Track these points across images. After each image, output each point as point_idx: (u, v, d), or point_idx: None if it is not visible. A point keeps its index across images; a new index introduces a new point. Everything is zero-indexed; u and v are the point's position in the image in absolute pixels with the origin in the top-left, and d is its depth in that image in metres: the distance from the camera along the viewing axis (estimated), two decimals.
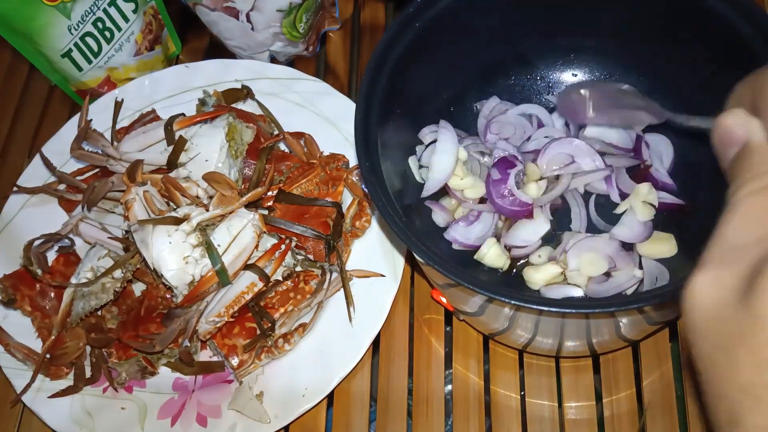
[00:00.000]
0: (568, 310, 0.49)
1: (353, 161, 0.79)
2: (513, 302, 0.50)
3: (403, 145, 0.69)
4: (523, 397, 0.71)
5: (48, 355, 0.73)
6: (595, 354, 0.71)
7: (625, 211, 0.69)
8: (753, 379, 0.24)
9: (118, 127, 0.84)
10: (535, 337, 0.62)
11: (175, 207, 0.72)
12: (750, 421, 0.24)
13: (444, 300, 0.69)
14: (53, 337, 0.73)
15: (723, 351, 0.25)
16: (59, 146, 0.85)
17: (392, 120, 0.64)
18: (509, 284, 0.68)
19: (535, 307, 0.50)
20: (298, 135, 0.80)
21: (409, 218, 0.62)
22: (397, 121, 0.65)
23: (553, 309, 0.49)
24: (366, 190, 0.58)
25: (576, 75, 0.75)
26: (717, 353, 0.26)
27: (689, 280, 0.27)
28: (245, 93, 0.84)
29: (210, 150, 0.73)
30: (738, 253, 0.26)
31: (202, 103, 0.84)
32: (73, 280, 0.73)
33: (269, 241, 0.71)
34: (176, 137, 0.74)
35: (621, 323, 0.58)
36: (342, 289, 0.73)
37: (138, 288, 0.79)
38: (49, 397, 0.73)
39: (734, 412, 0.25)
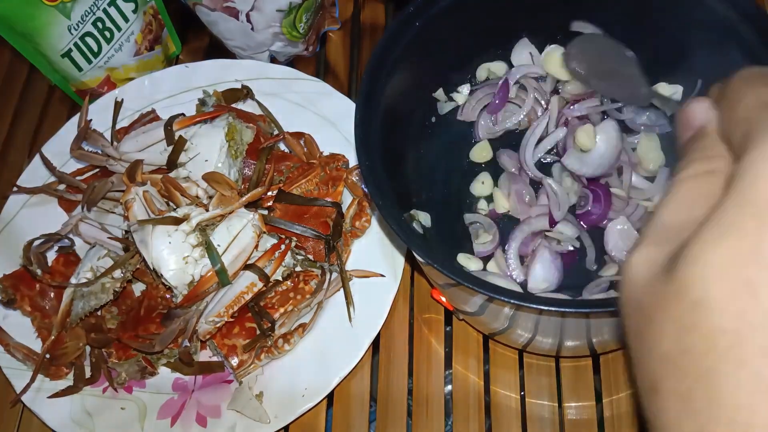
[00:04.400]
0: (568, 310, 0.49)
1: (353, 161, 0.79)
2: (513, 302, 0.50)
3: (403, 143, 0.69)
4: (523, 398, 0.70)
5: (48, 355, 0.73)
6: (595, 354, 0.71)
7: None
8: (671, 347, 0.25)
9: (118, 127, 0.84)
10: (536, 336, 0.62)
11: (174, 207, 0.72)
12: (666, 387, 0.25)
13: (444, 299, 0.69)
14: (53, 337, 0.73)
15: (646, 322, 0.27)
16: (59, 146, 0.85)
17: (392, 119, 0.64)
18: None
19: (535, 306, 0.50)
20: (298, 135, 0.80)
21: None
22: (397, 120, 0.65)
23: (553, 309, 0.49)
24: (366, 190, 0.58)
25: None
26: (642, 325, 0.27)
27: (626, 256, 0.29)
28: (245, 93, 0.84)
29: (210, 150, 0.73)
30: (671, 233, 0.27)
31: (202, 103, 0.84)
32: (73, 280, 0.72)
33: (269, 241, 0.71)
34: (176, 137, 0.74)
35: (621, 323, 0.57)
36: (342, 289, 0.73)
37: (138, 288, 0.79)
38: (49, 397, 0.73)
39: (654, 380, 0.26)
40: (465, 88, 0.75)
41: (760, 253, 0.23)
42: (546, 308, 0.49)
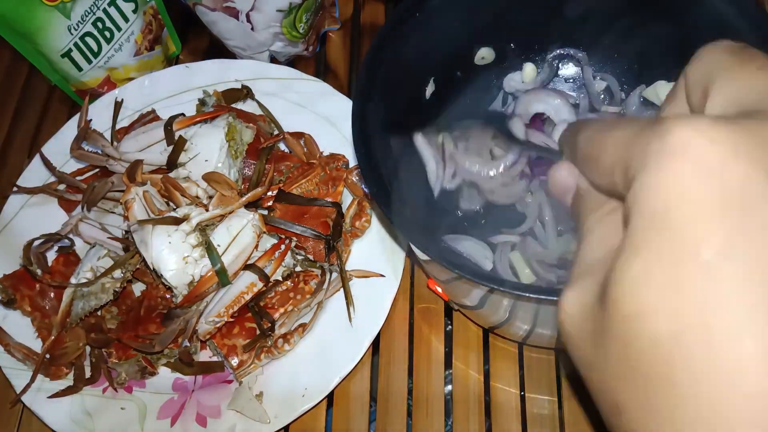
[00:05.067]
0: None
1: (353, 161, 0.79)
2: (515, 292, 0.50)
3: (402, 134, 0.69)
4: (523, 397, 0.71)
5: (48, 355, 0.73)
6: None
7: None
8: (621, 365, 0.26)
9: (118, 127, 0.84)
10: (535, 328, 0.62)
11: (174, 207, 0.72)
12: (626, 405, 0.26)
13: (439, 290, 0.69)
14: (53, 337, 0.73)
15: (593, 351, 0.28)
16: (59, 146, 0.85)
17: (390, 112, 0.64)
18: None
19: (534, 296, 0.50)
20: (298, 135, 0.80)
21: (408, 214, 0.62)
22: (394, 113, 0.65)
23: (553, 297, 0.50)
24: (366, 189, 0.58)
25: (578, 66, 0.76)
26: (590, 355, 0.28)
27: (559, 300, 0.31)
28: (245, 93, 0.84)
29: (210, 150, 0.73)
30: (592, 268, 0.30)
31: (202, 103, 0.84)
32: (73, 280, 0.72)
33: (269, 241, 0.71)
34: (176, 137, 0.74)
35: None
36: (342, 289, 0.73)
37: (138, 288, 0.79)
38: (49, 397, 0.73)
39: (614, 402, 0.27)
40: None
41: (673, 254, 0.24)
42: (545, 297, 0.50)
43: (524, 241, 0.70)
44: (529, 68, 0.75)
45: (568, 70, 0.76)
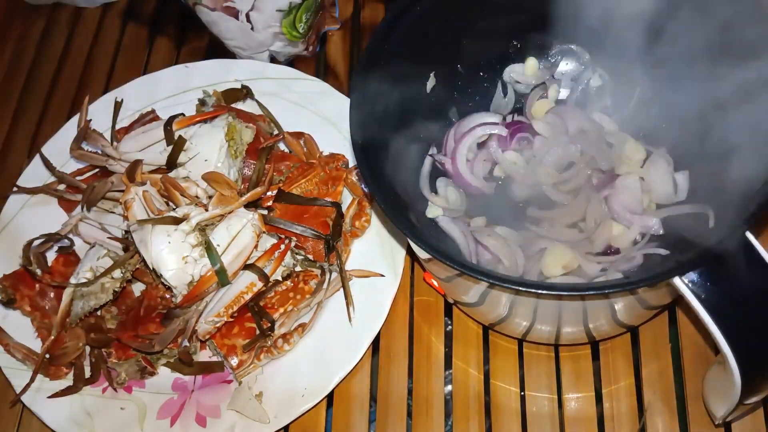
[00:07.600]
0: (564, 293, 0.51)
1: (353, 161, 0.79)
2: (514, 287, 0.50)
3: (396, 127, 0.69)
4: (523, 397, 0.70)
5: (47, 355, 0.73)
6: (594, 341, 0.71)
7: None
8: None
9: (118, 127, 0.84)
10: (534, 324, 0.62)
11: (174, 207, 0.71)
12: None
13: (435, 284, 0.69)
14: (53, 337, 0.73)
15: None
16: (59, 146, 0.85)
17: (390, 108, 0.64)
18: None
19: (534, 291, 0.50)
20: (298, 135, 0.80)
21: (409, 212, 0.62)
22: (394, 109, 0.66)
23: (553, 292, 0.50)
24: (366, 189, 0.58)
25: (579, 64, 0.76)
26: None
27: None
28: (245, 93, 0.84)
29: (209, 150, 0.73)
30: None
31: (201, 103, 0.84)
32: (73, 280, 0.72)
33: (269, 241, 0.71)
34: (176, 137, 0.74)
35: (617, 306, 0.58)
36: (342, 289, 0.73)
37: (137, 288, 0.79)
38: (49, 397, 0.73)
39: None
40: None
41: None
42: (544, 291, 0.50)
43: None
44: (531, 62, 0.76)
45: (567, 66, 0.77)
